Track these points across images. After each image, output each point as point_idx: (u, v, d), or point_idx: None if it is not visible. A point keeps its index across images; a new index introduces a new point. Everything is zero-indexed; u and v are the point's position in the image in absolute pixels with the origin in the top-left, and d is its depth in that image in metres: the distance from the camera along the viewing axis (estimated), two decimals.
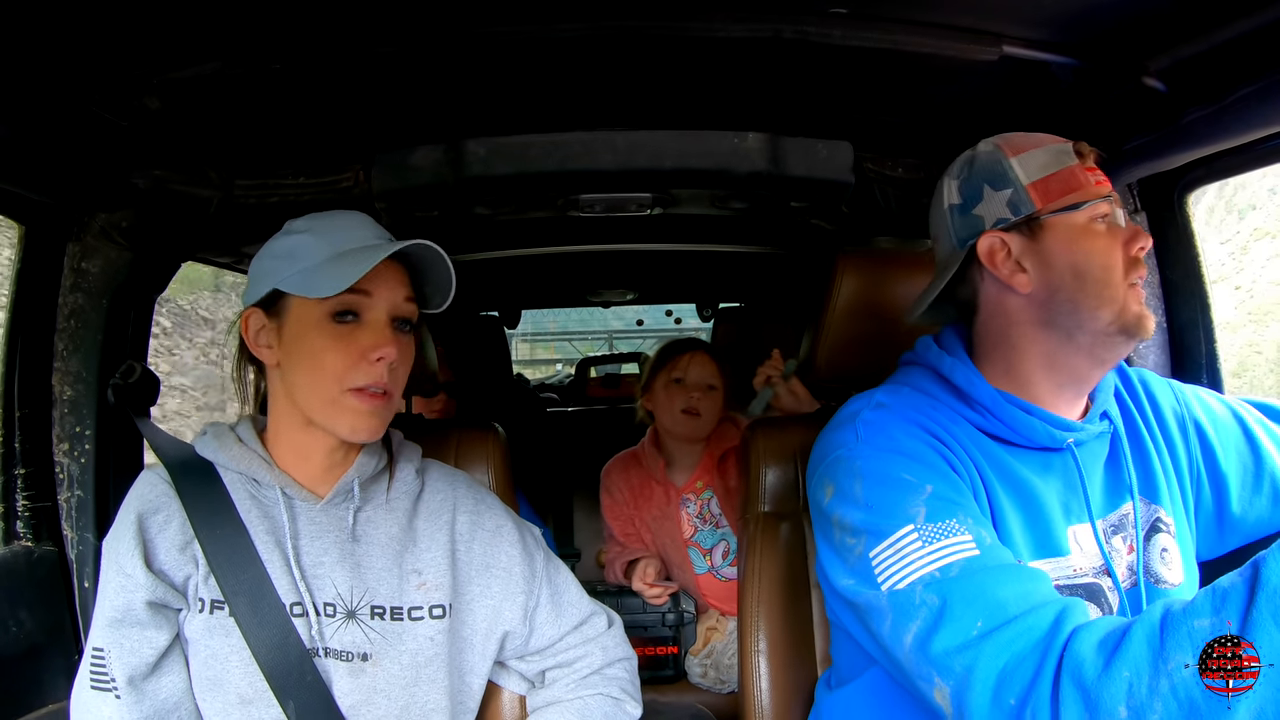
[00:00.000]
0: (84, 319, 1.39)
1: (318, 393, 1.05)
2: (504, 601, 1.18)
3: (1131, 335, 1.03)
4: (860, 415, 1.09)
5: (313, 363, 1.04)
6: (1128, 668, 0.77)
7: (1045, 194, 1.06)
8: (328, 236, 1.07)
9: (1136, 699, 0.75)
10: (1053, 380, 1.09)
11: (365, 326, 1.05)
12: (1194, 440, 1.17)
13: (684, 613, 2.07)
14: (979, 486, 1.04)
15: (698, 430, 2.17)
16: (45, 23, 0.97)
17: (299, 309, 1.05)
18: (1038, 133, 1.10)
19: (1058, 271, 1.05)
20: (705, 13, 1.09)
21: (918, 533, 0.94)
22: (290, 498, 1.10)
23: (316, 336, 1.04)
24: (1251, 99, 1.07)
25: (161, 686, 1.03)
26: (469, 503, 1.21)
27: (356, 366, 1.04)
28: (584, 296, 3.31)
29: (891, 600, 0.93)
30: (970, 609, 0.88)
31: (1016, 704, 0.82)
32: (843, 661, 1.19)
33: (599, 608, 1.27)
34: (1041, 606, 0.87)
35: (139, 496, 1.08)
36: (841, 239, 1.83)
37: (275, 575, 1.06)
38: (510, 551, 1.20)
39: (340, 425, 1.05)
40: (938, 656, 0.88)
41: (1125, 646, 0.78)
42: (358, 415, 1.04)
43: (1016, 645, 0.84)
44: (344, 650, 1.07)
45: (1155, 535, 1.11)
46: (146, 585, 1.02)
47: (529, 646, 1.21)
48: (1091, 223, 1.05)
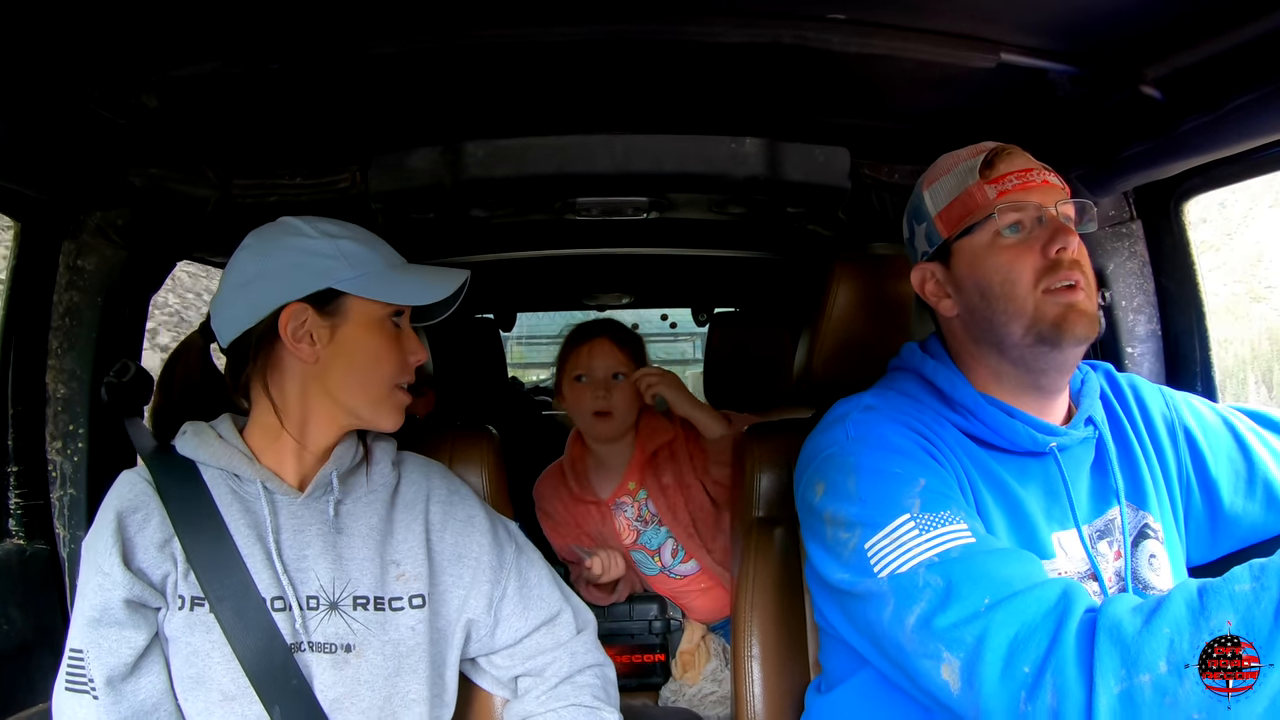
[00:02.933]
0: (79, 317, 1.38)
1: (371, 389, 1.12)
2: (472, 590, 1.19)
3: (1052, 341, 1.04)
4: (850, 416, 1.11)
5: (373, 360, 1.12)
6: (1168, 625, 0.78)
7: (948, 222, 1.11)
8: (370, 245, 1.13)
9: (1178, 653, 0.77)
10: (1010, 390, 1.11)
11: (405, 332, 1.16)
12: (1184, 446, 1.17)
13: (670, 619, 2.04)
14: (966, 487, 1.05)
15: (613, 430, 1.91)
16: (44, 20, 0.96)
17: (362, 310, 1.11)
18: (965, 148, 1.14)
19: (968, 294, 1.09)
20: (704, 18, 1.09)
21: (914, 521, 0.95)
22: (271, 491, 1.11)
23: (378, 337, 1.12)
24: (1248, 108, 1.07)
25: (140, 687, 1.03)
26: (442, 492, 1.23)
27: (405, 368, 1.14)
28: (579, 300, 3.30)
29: (893, 584, 0.93)
30: (976, 586, 0.88)
31: (1032, 670, 0.83)
32: (832, 666, 1.19)
33: (570, 606, 1.27)
34: (1045, 583, 0.88)
35: (118, 495, 1.09)
36: (838, 244, 1.84)
37: (256, 570, 1.06)
38: (481, 541, 1.21)
39: (386, 418, 1.14)
40: (945, 630, 0.88)
41: (1165, 608, 0.80)
42: (400, 410, 1.15)
43: (1027, 614, 0.85)
44: (327, 642, 1.08)
45: (1143, 541, 1.11)
46: (124, 584, 1.02)
47: (495, 641, 1.22)
48: (995, 238, 1.07)
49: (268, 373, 1.12)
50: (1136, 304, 1.50)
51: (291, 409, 1.12)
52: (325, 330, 1.09)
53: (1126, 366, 1.48)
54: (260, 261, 1.10)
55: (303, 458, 1.13)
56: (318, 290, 1.08)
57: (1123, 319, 1.50)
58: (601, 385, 1.88)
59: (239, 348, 1.12)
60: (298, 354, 1.09)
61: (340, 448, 1.15)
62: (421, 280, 1.14)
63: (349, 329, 1.10)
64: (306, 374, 1.11)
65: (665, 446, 1.95)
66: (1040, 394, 1.11)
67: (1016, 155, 1.09)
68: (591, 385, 1.89)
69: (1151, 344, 1.50)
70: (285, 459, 1.13)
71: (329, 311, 1.09)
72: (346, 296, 1.10)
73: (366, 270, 1.10)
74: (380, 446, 1.22)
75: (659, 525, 1.96)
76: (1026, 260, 1.05)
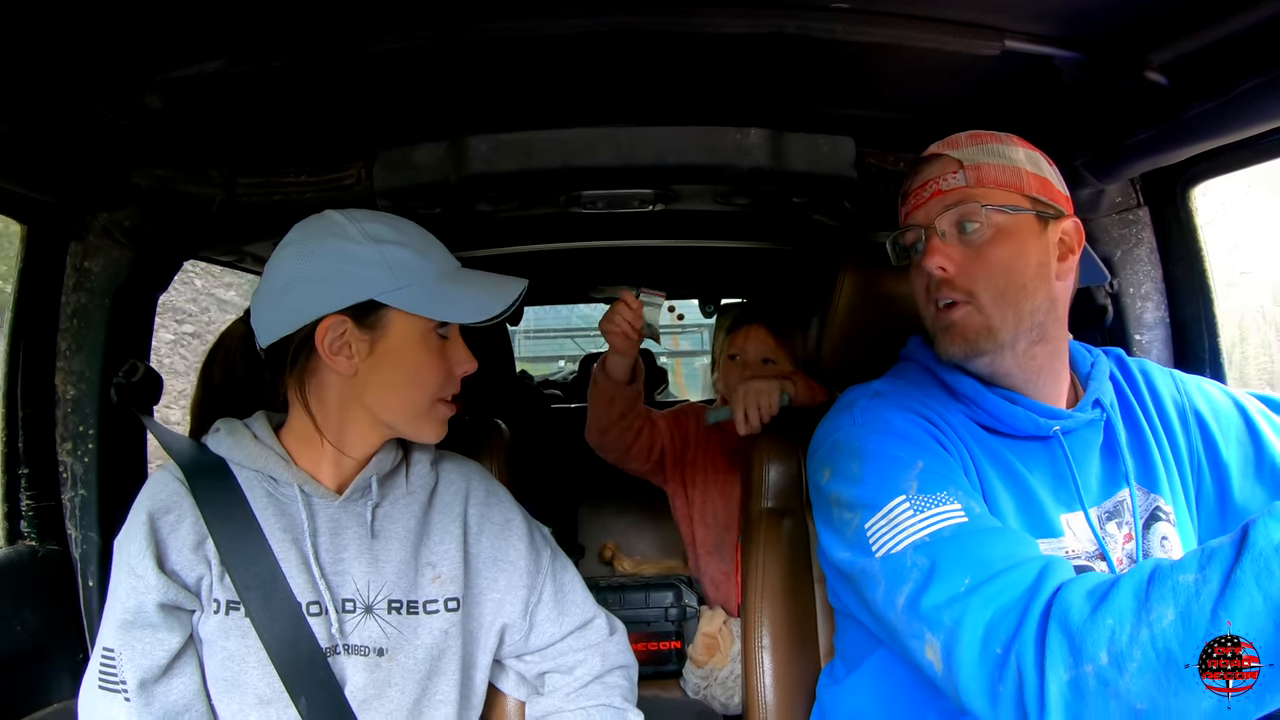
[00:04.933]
0: (87, 318, 1.39)
1: (411, 403, 1.09)
2: (507, 595, 1.18)
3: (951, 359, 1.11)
4: (858, 403, 1.14)
5: (414, 376, 1.08)
6: (1111, 615, 0.78)
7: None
8: (422, 251, 1.08)
9: (1117, 646, 0.77)
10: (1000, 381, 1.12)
11: (452, 343, 1.12)
12: (1194, 429, 1.17)
13: (686, 607, 2.05)
14: (971, 470, 1.07)
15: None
16: (46, 22, 0.96)
17: (404, 324, 1.06)
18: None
19: None
20: (708, 8, 1.08)
21: (909, 502, 0.97)
22: (309, 495, 1.09)
23: (421, 352, 1.08)
24: (1255, 93, 1.06)
25: (173, 688, 1.02)
26: (480, 494, 1.21)
27: (450, 380, 1.11)
28: (587, 293, 3.30)
29: (884, 565, 0.96)
30: (958, 567, 0.90)
31: (1002, 652, 0.84)
32: (847, 649, 1.21)
33: (602, 612, 1.27)
34: (1026, 562, 0.89)
35: (150, 496, 1.06)
36: (844, 234, 1.83)
37: (291, 574, 1.05)
38: (518, 545, 1.20)
39: (426, 432, 1.11)
40: (928, 612, 0.90)
41: (1112, 596, 0.80)
42: (442, 423, 1.11)
43: (1002, 598, 0.86)
44: (362, 645, 1.07)
45: (1155, 524, 1.12)
46: (158, 587, 1.01)
47: (528, 644, 1.21)
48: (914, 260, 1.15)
49: (305, 381, 1.08)
50: (1144, 290, 1.50)
51: (330, 420, 1.09)
52: (365, 343, 1.05)
53: (1135, 353, 1.48)
54: (300, 264, 1.05)
55: (341, 462, 1.11)
56: (358, 302, 1.04)
57: (1130, 306, 1.50)
58: (753, 366, 2.02)
59: (276, 353, 1.08)
60: (334, 366, 1.05)
61: (380, 453, 1.13)
62: (474, 294, 1.09)
63: (390, 342, 1.06)
64: (345, 386, 1.07)
65: None
66: (1024, 386, 1.12)
67: (923, 168, 1.15)
68: (742, 365, 2.03)
69: (1160, 330, 1.50)
70: (322, 463, 1.10)
71: (369, 324, 1.05)
72: (389, 309, 1.05)
73: (412, 282, 1.04)
74: (419, 447, 1.20)
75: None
76: (919, 279, 1.14)
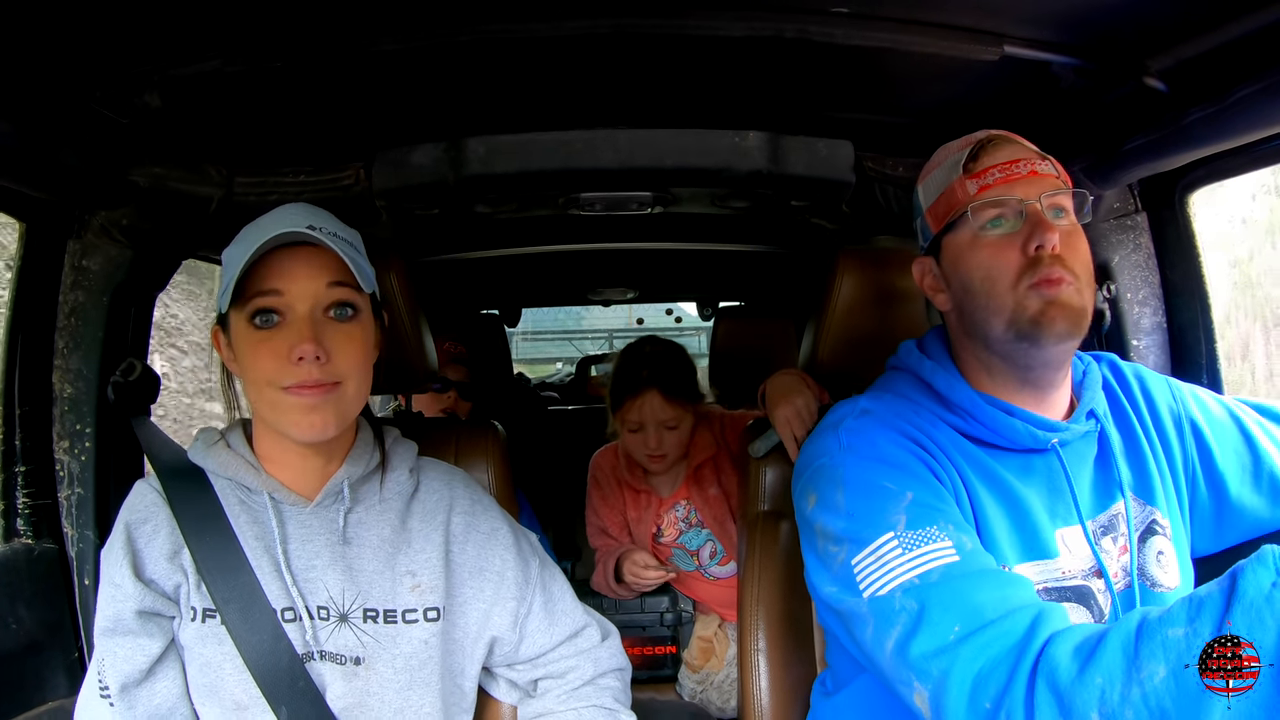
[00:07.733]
0: (84, 316, 1.39)
1: (261, 399, 1.04)
2: (495, 606, 1.17)
3: (1032, 338, 1.01)
4: (844, 423, 1.10)
5: (246, 369, 1.04)
6: (1101, 674, 0.76)
7: (936, 218, 1.11)
8: (244, 242, 1.03)
9: (1109, 705, 0.75)
10: (1005, 386, 1.09)
11: (287, 326, 1.02)
12: (1190, 438, 1.16)
13: (682, 612, 2.05)
14: (961, 492, 1.04)
15: (666, 467, 2.02)
16: (46, 20, 0.97)
17: (233, 320, 1.05)
18: (959, 139, 1.12)
19: (955, 289, 1.09)
20: (706, 12, 1.09)
21: (898, 540, 0.94)
22: (278, 502, 1.09)
23: (245, 344, 1.04)
24: (1253, 99, 1.06)
25: (155, 693, 1.04)
26: (465, 503, 1.19)
27: (283, 368, 1.00)
28: (584, 295, 3.31)
29: (872, 607, 0.93)
30: (948, 614, 0.87)
31: (992, 707, 0.82)
32: (837, 666, 1.19)
33: (594, 619, 1.26)
34: (1018, 610, 0.86)
35: (129, 506, 1.09)
36: (842, 238, 1.83)
37: (265, 581, 1.05)
38: (504, 555, 1.18)
39: (287, 426, 1.02)
40: (916, 660, 0.88)
41: (1100, 653, 0.77)
42: (298, 411, 1.01)
43: (992, 649, 0.84)
44: (338, 653, 1.07)
45: (1151, 538, 1.10)
46: (134, 595, 1.03)
47: (519, 654, 1.20)
48: (977, 234, 1.05)
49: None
50: (1142, 296, 1.50)
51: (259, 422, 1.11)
52: (229, 348, 1.08)
53: (1131, 359, 1.47)
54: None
55: (306, 467, 1.10)
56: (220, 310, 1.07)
57: (1128, 311, 1.50)
58: (654, 436, 1.94)
59: None
60: (234, 373, 1.09)
61: (353, 455, 1.12)
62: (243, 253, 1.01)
63: (234, 341, 1.06)
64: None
65: (709, 461, 2.04)
66: (1034, 389, 1.09)
67: (1004, 146, 1.07)
68: (643, 435, 1.95)
69: (1157, 336, 1.50)
70: (287, 469, 1.10)
71: (225, 327, 1.08)
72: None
73: (227, 277, 1.03)
74: (398, 452, 1.18)
75: (701, 528, 2.06)
76: (1007, 256, 1.03)
